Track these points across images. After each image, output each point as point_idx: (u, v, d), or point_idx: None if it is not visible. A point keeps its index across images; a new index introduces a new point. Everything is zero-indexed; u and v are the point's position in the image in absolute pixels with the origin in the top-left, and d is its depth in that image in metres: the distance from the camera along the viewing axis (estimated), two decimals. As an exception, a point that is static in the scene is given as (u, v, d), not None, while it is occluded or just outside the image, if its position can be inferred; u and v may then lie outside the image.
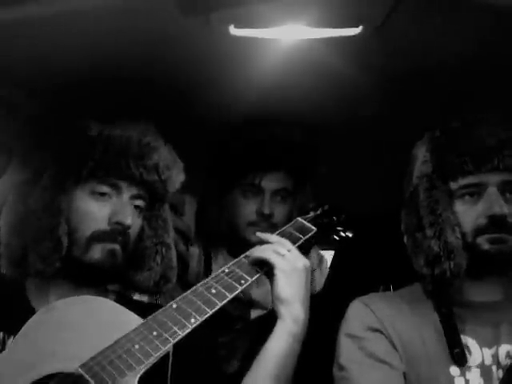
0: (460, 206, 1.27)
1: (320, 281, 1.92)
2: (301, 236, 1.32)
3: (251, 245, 1.47)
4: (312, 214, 1.43)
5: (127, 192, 1.25)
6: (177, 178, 1.34)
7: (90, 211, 1.21)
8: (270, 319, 1.19)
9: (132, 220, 1.23)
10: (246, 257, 1.22)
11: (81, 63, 1.31)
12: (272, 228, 1.65)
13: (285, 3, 1.15)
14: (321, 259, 1.92)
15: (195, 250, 1.78)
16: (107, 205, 1.22)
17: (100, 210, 1.21)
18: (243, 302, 1.73)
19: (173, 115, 1.48)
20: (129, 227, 1.22)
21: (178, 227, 1.70)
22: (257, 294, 1.74)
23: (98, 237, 1.20)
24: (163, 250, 1.31)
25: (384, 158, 1.33)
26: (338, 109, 1.55)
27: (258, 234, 1.30)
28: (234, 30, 1.22)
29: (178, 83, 1.42)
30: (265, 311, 1.73)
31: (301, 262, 1.20)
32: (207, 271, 1.73)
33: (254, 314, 1.75)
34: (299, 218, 1.38)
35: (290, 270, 1.18)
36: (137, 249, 1.29)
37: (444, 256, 1.24)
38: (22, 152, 1.28)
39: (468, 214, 1.26)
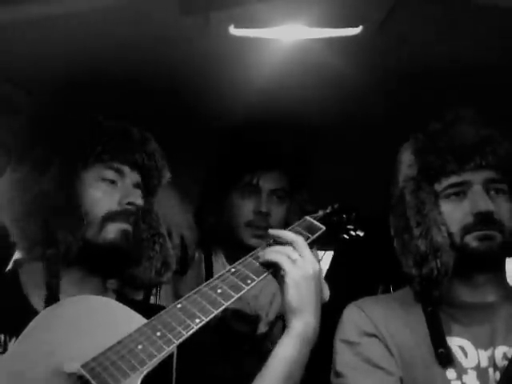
0: (446, 206, 1.26)
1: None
2: (309, 235, 1.27)
3: (248, 248, 1.46)
4: (321, 212, 1.39)
5: (130, 177, 1.28)
6: (166, 171, 1.38)
7: (100, 195, 1.23)
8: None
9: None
10: (253, 256, 1.19)
11: (80, 63, 1.31)
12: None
13: (285, 3, 1.15)
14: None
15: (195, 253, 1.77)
16: (115, 190, 1.25)
17: (110, 193, 1.24)
18: (250, 318, 1.71)
19: (172, 116, 1.48)
20: (140, 206, 1.25)
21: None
22: (260, 308, 1.72)
23: (111, 217, 1.22)
24: (160, 239, 1.33)
25: (385, 158, 1.32)
26: (339, 108, 1.55)
27: (270, 231, 1.25)
28: (233, 30, 1.22)
29: (177, 83, 1.42)
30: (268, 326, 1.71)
31: (311, 268, 1.15)
32: (208, 275, 1.72)
33: (262, 328, 1.73)
34: (308, 217, 1.33)
35: (301, 277, 1.14)
36: (133, 243, 1.28)
37: (431, 255, 1.23)
38: (25, 144, 1.29)
39: (454, 214, 1.25)
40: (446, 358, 1.20)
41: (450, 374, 1.20)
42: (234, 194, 1.72)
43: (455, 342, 1.23)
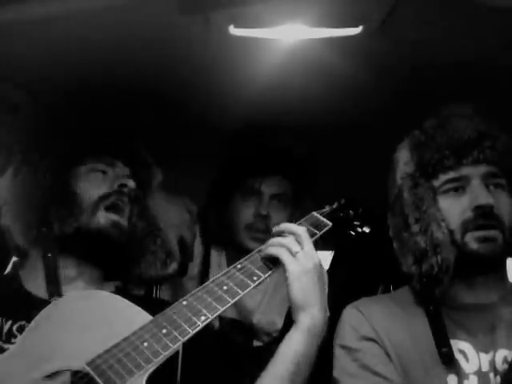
0: (445, 202, 1.24)
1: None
2: (316, 231, 1.26)
3: (247, 250, 1.45)
4: (327, 208, 1.38)
5: (121, 169, 1.32)
6: (157, 171, 1.41)
7: (93, 182, 1.27)
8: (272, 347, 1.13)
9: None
10: (259, 251, 1.17)
11: (79, 63, 1.30)
12: (269, 232, 1.65)
13: (285, 3, 1.15)
14: None
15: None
16: (107, 178, 1.29)
17: (103, 181, 1.28)
18: (245, 328, 1.71)
19: (172, 116, 1.48)
20: (133, 189, 1.28)
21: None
22: (259, 319, 1.71)
23: (103, 201, 1.24)
24: (161, 233, 1.34)
25: (385, 156, 1.32)
26: (339, 108, 1.55)
27: (275, 227, 1.23)
28: (233, 30, 1.22)
29: (176, 84, 1.42)
30: (268, 338, 1.70)
31: (311, 261, 1.13)
32: (205, 274, 1.73)
33: (258, 340, 1.72)
34: (314, 213, 1.32)
35: (301, 272, 1.12)
36: (132, 243, 1.30)
37: (430, 251, 1.21)
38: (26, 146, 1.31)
39: (454, 209, 1.22)
40: (449, 358, 1.18)
41: (451, 379, 1.18)
42: (237, 197, 1.74)
43: (456, 346, 1.20)
